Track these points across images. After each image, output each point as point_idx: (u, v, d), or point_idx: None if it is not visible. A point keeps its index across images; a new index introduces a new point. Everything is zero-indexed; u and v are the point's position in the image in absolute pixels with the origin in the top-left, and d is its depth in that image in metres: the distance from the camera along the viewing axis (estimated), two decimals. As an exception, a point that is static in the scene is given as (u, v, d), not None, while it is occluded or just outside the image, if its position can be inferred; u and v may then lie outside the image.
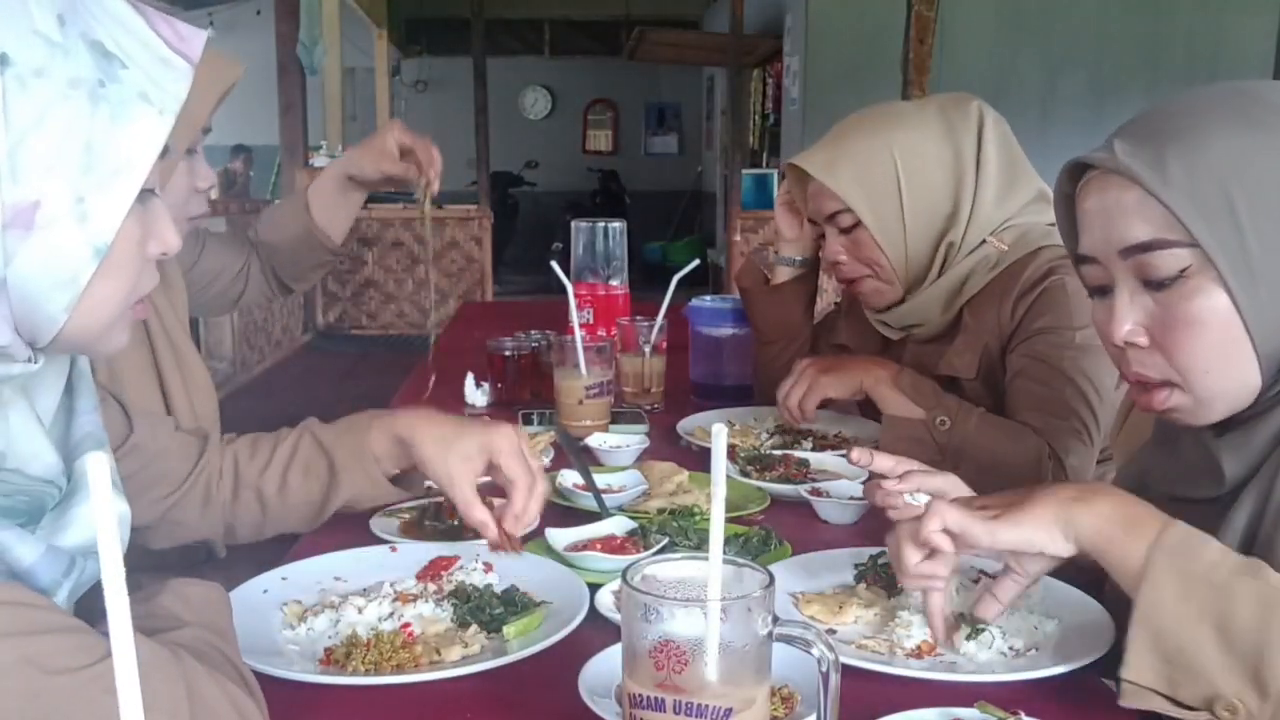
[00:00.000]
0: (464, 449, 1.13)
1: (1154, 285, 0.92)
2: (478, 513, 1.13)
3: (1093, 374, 1.47)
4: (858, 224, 1.59)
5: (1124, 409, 1.19)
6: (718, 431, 0.72)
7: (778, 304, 1.87)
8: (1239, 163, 0.88)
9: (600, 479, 1.39)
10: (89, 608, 0.84)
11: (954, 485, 1.17)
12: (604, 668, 0.87)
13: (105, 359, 0.83)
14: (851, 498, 1.36)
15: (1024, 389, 1.51)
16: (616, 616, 0.97)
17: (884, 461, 1.17)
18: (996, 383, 1.56)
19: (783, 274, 1.87)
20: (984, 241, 1.57)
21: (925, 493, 1.17)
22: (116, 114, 0.72)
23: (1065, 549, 0.90)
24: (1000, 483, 1.22)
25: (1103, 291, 0.98)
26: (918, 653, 0.97)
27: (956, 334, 1.60)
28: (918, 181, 1.56)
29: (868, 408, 1.67)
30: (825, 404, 1.84)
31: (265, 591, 1.07)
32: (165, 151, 0.76)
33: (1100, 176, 0.94)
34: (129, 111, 0.73)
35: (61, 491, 0.81)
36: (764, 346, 1.89)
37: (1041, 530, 0.90)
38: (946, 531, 0.93)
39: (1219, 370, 0.91)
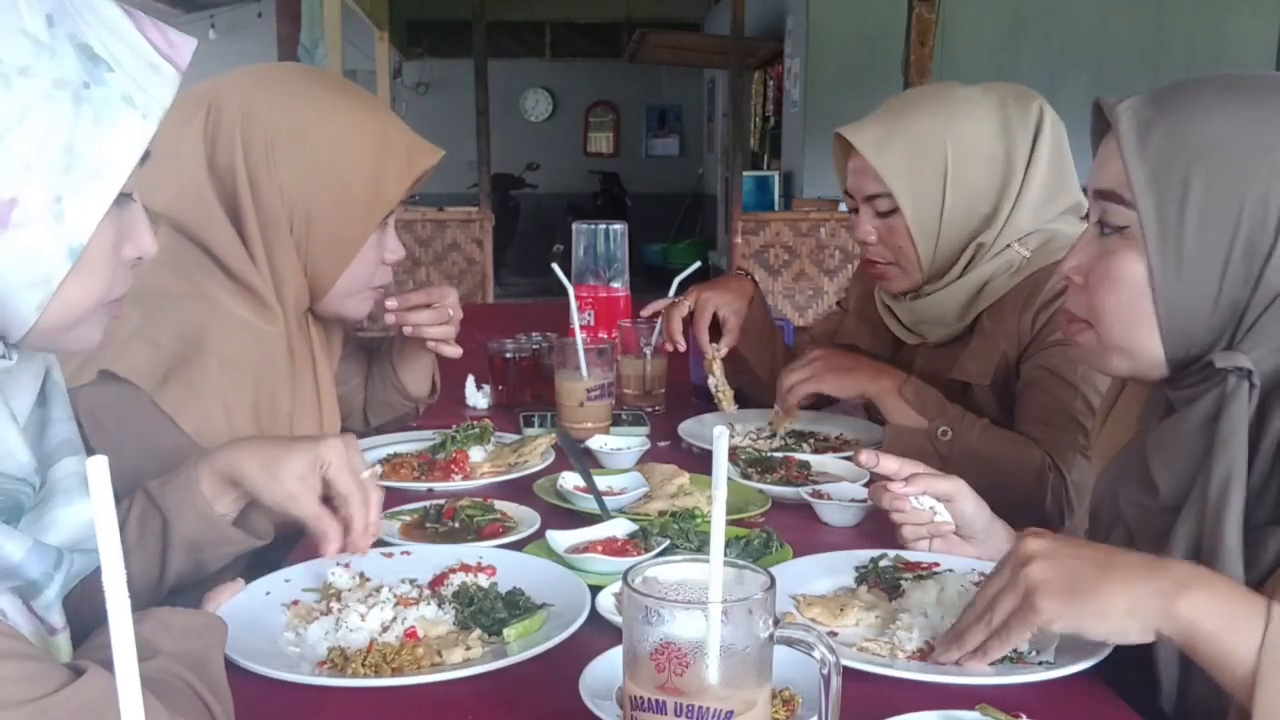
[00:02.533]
0: (294, 468, 1.05)
1: (1104, 230, 0.96)
2: (326, 525, 1.08)
3: (1103, 389, 1.45)
4: (895, 210, 1.56)
5: (1103, 413, 1.18)
6: (718, 434, 0.72)
7: (736, 349, 1.84)
8: (1215, 148, 0.89)
9: (601, 481, 1.39)
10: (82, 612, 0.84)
11: (960, 489, 1.17)
12: (605, 670, 0.87)
13: (75, 353, 0.83)
14: (852, 500, 1.36)
15: (1032, 400, 1.50)
16: (617, 619, 0.97)
17: (890, 464, 1.17)
18: (1008, 392, 1.55)
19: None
20: (1008, 246, 1.54)
21: (931, 496, 1.17)
22: (99, 116, 0.72)
23: (1145, 639, 0.84)
24: (1001, 492, 1.22)
25: None
26: (919, 655, 0.97)
27: (969, 339, 1.59)
28: (964, 179, 1.53)
29: (873, 410, 1.67)
30: (827, 403, 1.84)
31: (268, 593, 1.07)
32: (146, 156, 0.76)
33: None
34: (112, 114, 0.73)
35: (35, 490, 0.80)
36: (744, 376, 1.88)
37: (1131, 623, 0.83)
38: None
39: (1122, 327, 0.95)
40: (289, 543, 1.20)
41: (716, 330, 1.83)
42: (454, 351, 1.65)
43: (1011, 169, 1.54)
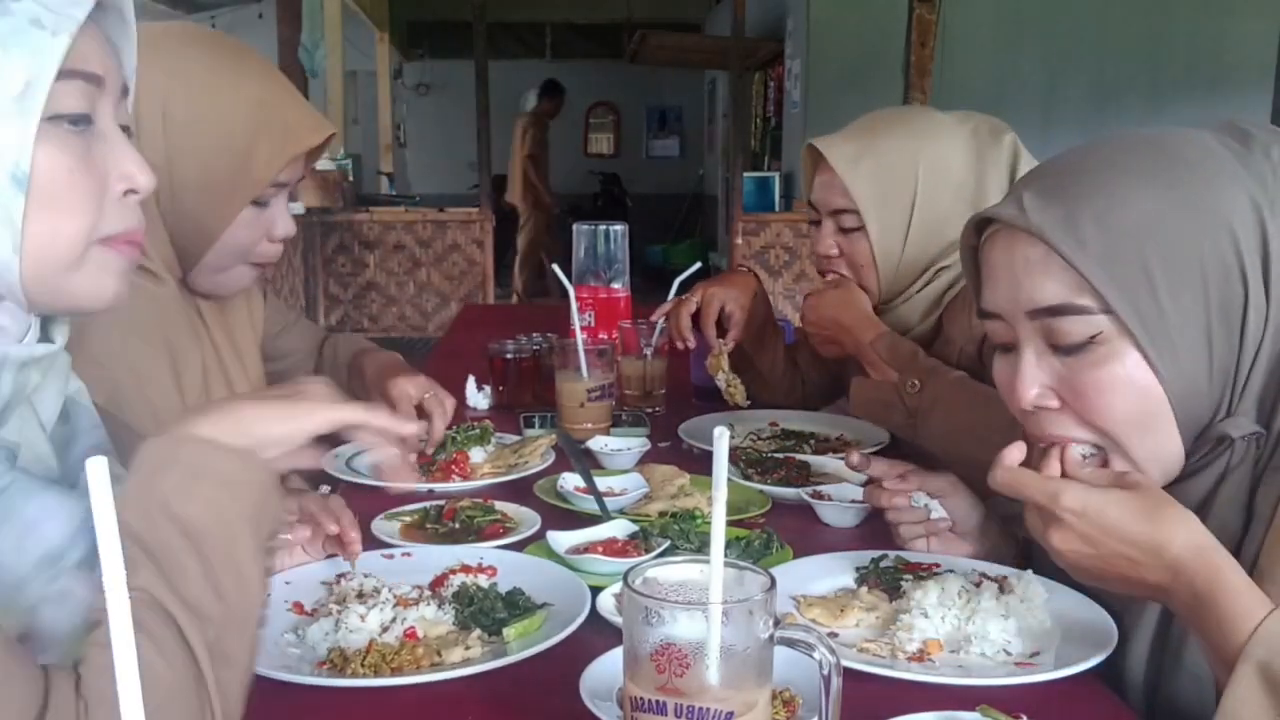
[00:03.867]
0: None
1: (1062, 350, 0.88)
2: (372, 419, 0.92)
3: None
4: (859, 228, 1.58)
5: None
6: (719, 435, 0.71)
7: (739, 347, 1.85)
8: (1154, 224, 0.84)
9: (601, 482, 1.39)
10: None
11: (952, 485, 1.18)
12: (605, 671, 0.87)
13: (102, 311, 0.81)
14: (853, 501, 1.35)
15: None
16: (618, 619, 0.97)
17: (881, 466, 1.18)
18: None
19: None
20: None
21: (925, 493, 1.18)
22: (6, 42, 0.72)
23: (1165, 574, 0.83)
24: (970, 448, 1.22)
25: (1006, 349, 0.94)
26: (920, 656, 0.97)
27: (935, 341, 1.60)
28: (932, 205, 1.54)
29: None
30: (826, 403, 1.86)
31: (268, 595, 1.06)
32: (96, 80, 0.76)
33: (1007, 231, 0.90)
34: (19, 39, 0.72)
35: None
36: (747, 376, 1.88)
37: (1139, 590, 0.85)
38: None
39: (1142, 434, 0.88)
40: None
41: (722, 326, 1.84)
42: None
43: (983, 200, 1.54)
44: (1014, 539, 1.19)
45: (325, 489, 1.08)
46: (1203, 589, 0.80)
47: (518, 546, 1.22)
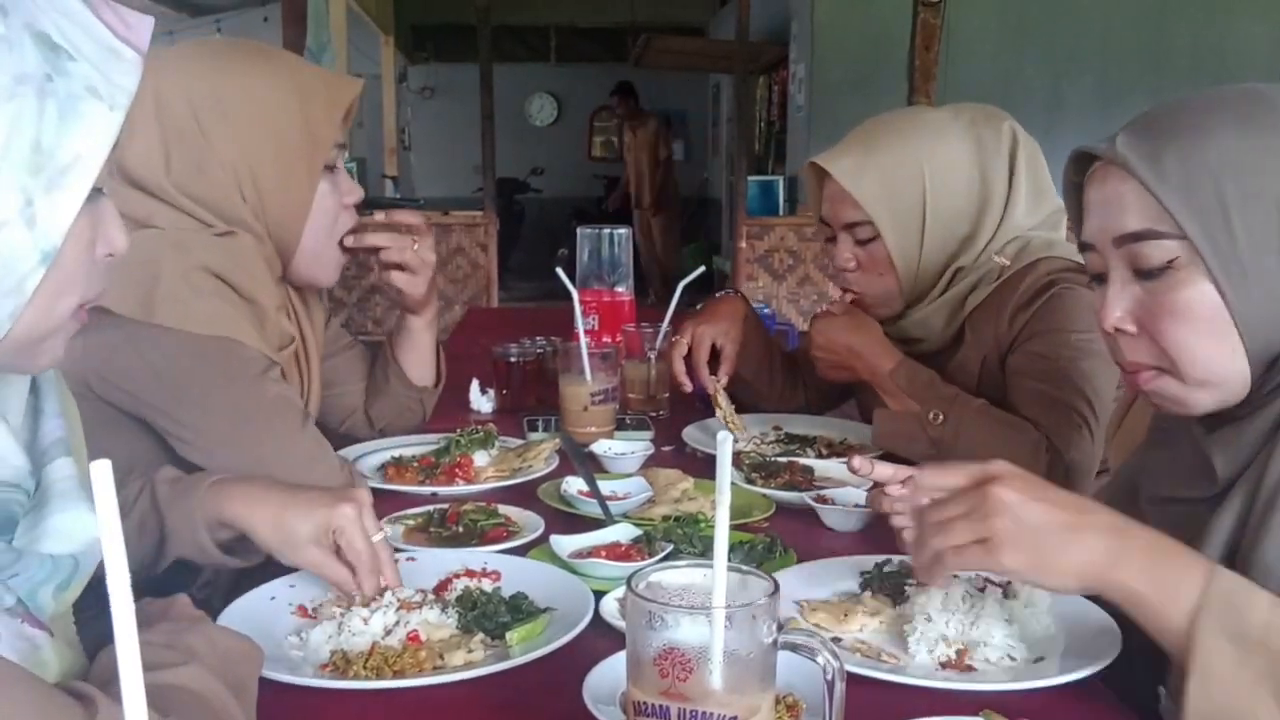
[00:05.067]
0: (305, 533, 1.05)
1: (1143, 274, 0.94)
2: (344, 578, 1.05)
3: (1091, 375, 1.46)
4: (874, 238, 1.57)
5: (1119, 412, 1.19)
6: (723, 439, 0.71)
7: (737, 372, 1.83)
8: (1235, 161, 0.89)
9: (605, 486, 1.39)
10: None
11: None
12: (608, 675, 0.87)
13: (35, 372, 0.79)
14: (856, 505, 1.35)
15: (1022, 386, 1.51)
16: (621, 623, 0.97)
17: (884, 470, 1.17)
18: (995, 394, 1.55)
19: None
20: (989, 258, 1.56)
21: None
22: (65, 110, 0.68)
23: (1084, 593, 0.90)
24: None
25: (1101, 279, 1.00)
26: (924, 662, 0.97)
27: (958, 345, 1.60)
28: (943, 203, 1.54)
29: (866, 411, 1.68)
30: (829, 407, 1.85)
31: (272, 598, 1.07)
32: (116, 145, 0.72)
33: (1103, 167, 0.97)
34: (78, 107, 0.68)
35: (29, 496, 0.77)
36: (747, 392, 1.88)
37: (1074, 583, 0.88)
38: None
39: (1206, 359, 0.92)
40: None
41: (715, 361, 1.81)
42: (415, 288, 1.58)
43: (990, 191, 1.56)
44: None
45: (386, 530, 1.10)
46: (1141, 557, 0.85)
47: (521, 550, 1.22)
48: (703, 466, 1.55)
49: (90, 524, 0.77)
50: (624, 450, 1.59)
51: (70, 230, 0.69)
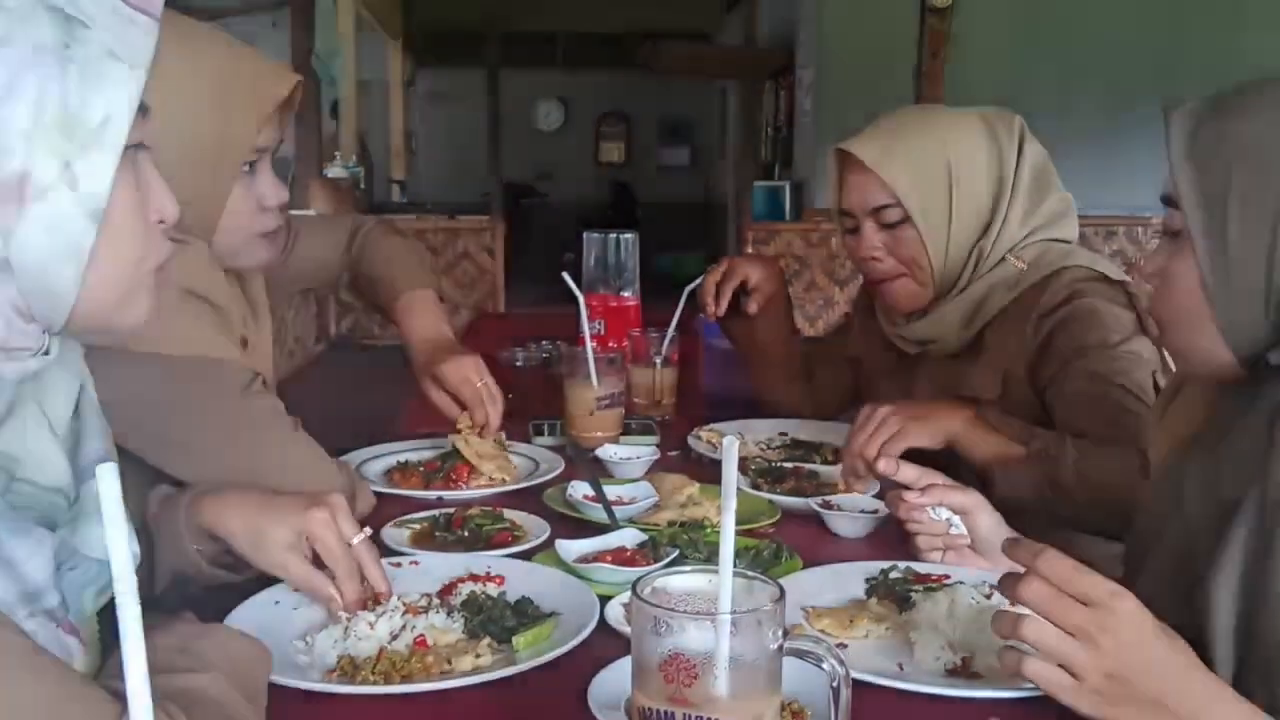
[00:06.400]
0: (279, 539, 1.03)
1: (1169, 235, 0.97)
2: (319, 585, 1.03)
3: (1142, 382, 1.43)
4: (904, 220, 1.55)
5: (1163, 400, 1.16)
6: (729, 444, 0.71)
7: (756, 331, 1.86)
8: (1256, 144, 0.89)
9: (610, 490, 1.39)
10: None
11: (977, 503, 1.17)
12: (613, 680, 0.86)
13: (127, 333, 0.83)
14: (862, 511, 1.35)
15: (1093, 408, 1.43)
16: (626, 629, 0.97)
17: (909, 472, 1.16)
18: (1016, 406, 1.53)
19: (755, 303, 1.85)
20: (1003, 258, 1.55)
21: (947, 508, 1.17)
22: (86, 74, 0.71)
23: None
24: (1110, 506, 1.20)
25: (1174, 235, 1.02)
26: (960, 670, 0.96)
27: (975, 353, 1.58)
28: (966, 184, 1.54)
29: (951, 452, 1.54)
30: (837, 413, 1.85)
31: (277, 603, 1.07)
32: (144, 109, 0.75)
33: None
34: (99, 69, 0.72)
35: (70, 503, 0.80)
36: (757, 370, 1.89)
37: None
38: None
39: (1176, 330, 0.97)
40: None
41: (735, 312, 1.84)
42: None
43: (1003, 175, 1.57)
44: None
45: (367, 531, 1.08)
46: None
47: (526, 555, 1.22)
48: (709, 471, 1.55)
49: (126, 541, 0.78)
50: (630, 455, 1.59)
51: (113, 189, 0.73)
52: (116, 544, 0.53)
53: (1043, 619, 0.83)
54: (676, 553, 1.19)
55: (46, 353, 0.77)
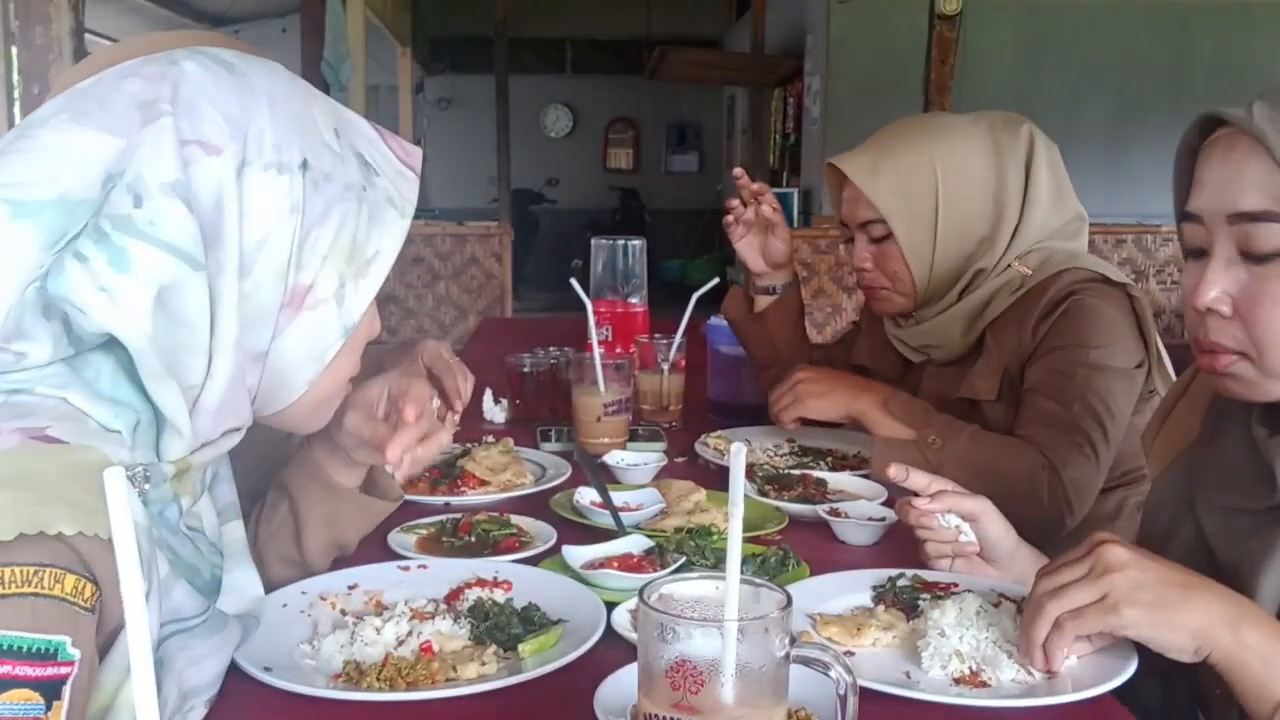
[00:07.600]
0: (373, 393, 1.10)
1: (1253, 257, 0.88)
2: (378, 430, 1.07)
3: (1105, 393, 1.46)
4: (889, 235, 1.60)
5: (1160, 415, 1.15)
6: (736, 451, 0.71)
7: (766, 330, 1.87)
8: None
9: (617, 497, 1.39)
10: None
11: (985, 508, 1.16)
12: (620, 687, 0.86)
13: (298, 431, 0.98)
14: (870, 518, 1.35)
15: (1032, 403, 1.51)
16: (633, 635, 0.96)
17: (919, 479, 1.16)
18: (1015, 405, 1.55)
19: (763, 302, 1.87)
20: (1009, 266, 1.57)
21: (957, 514, 1.16)
22: (374, 214, 0.85)
23: (1195, 659, 0.86)
24: (997, 497, 1.21)
25: (1198, 254, 0.94)
26: (970, 679, 0.96)
27: (977, 355, 1.60)
28: (956, 203, 1.57)
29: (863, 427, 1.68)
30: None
31: (284, 605, 1.07)
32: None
33: (1229, 136, 0.90)
34: (382, 213, 0.86)
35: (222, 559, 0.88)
36: (762, 371, 1.89)
37: (1191, 643, 0.86)
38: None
39: None
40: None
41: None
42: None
43: (1005, 194, 1.57)
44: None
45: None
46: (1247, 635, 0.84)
47: (533, 561, 1.22)
48: (716, 478, 1.55)
49: (253, 584, 0.90)
50: (637, 461, 1.58)
51: (365, 313, 0.87)
52: (124, 549, 0.54)
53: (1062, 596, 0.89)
54: (683, 559, 1.19)
55: (236, 430, 0.85)
